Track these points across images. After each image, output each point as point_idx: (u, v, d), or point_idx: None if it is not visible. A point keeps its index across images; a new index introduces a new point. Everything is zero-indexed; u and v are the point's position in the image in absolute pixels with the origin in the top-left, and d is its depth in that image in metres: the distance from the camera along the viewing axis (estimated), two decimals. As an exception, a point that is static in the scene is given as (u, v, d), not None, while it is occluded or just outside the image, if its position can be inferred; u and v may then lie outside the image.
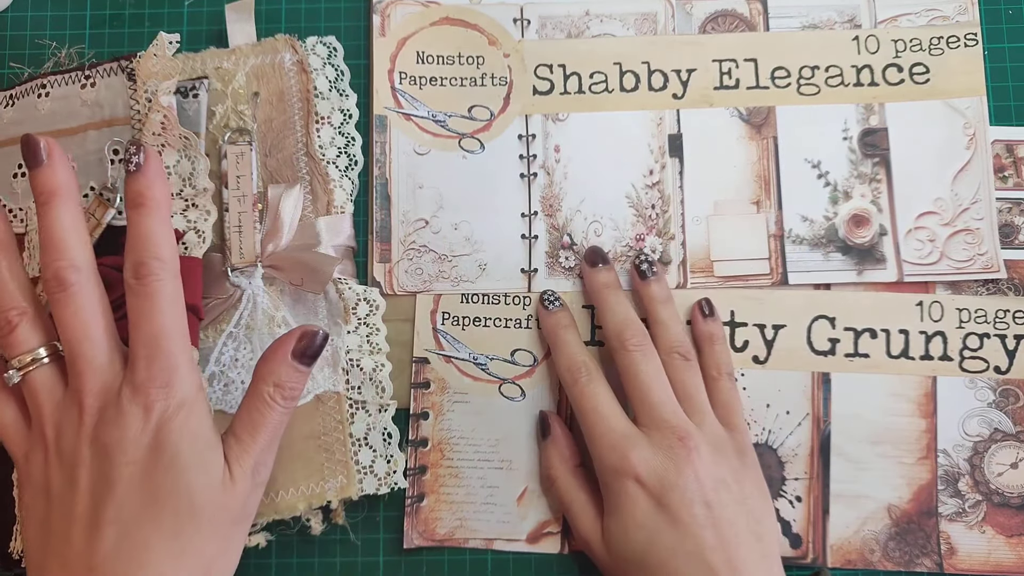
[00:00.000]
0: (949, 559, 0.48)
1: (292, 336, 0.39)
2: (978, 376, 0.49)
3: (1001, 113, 0.51)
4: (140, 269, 0.37)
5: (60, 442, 0.37)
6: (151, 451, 0.36)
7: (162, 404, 0.37)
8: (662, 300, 0.48)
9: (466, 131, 0.51)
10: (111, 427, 0.36)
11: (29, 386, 0.38)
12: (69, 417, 0.37)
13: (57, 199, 0.38)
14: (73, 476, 0.36)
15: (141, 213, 0.38)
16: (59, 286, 0.37)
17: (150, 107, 0.47)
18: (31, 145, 0.39)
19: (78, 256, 0.38)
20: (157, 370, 0.37)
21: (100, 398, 0.37)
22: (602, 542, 0.44)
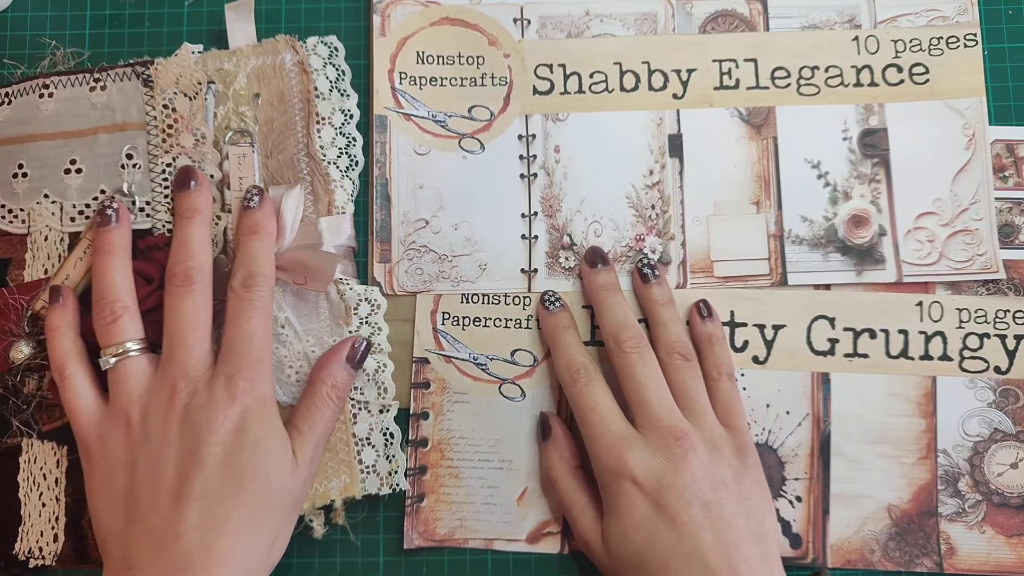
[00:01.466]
0: (949, 559, 0.48)
1: (345, 344, 0.46)
2: (978, 376, 0.49)
3: (1001, 113, 0.51)
4: (248, 280, 0.43)
5: (146, 422, 0.41)
6: (236, 434, 0.41)
7: (247, 395, 0.41)
8: (663, 302, 0.48)
9: (466, 131, 0.51)
10: (202, 409, 0.41)
11: (119, 371, 0.42)
12: (158, 400, 0.41)
13: (199, 216, 0.45)
14: (161, 453, 0.40)
15: (255, 239, 0.45)
16: (185, 280, 0.43)
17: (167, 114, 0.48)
18: (188, 172, 0.47)
19: (204, 263, 0.44)
20: (247, 363, 0.42)
21: (191, 384, 0.41)
22: (602, 543, 0.44)
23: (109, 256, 0.44)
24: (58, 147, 0.49)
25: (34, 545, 0.46)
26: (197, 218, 0.45)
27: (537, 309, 0.49)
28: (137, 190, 0.48)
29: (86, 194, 0.48)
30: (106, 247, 0.45)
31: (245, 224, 0.46)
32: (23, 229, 0.49)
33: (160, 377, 0.42)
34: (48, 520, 0.46)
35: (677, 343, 0.47)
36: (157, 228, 0.48)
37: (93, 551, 0.46)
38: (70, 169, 0.49)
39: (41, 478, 0.47)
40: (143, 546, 0.39)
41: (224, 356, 0.42)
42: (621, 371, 0.46)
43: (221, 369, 0.42)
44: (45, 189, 0.49)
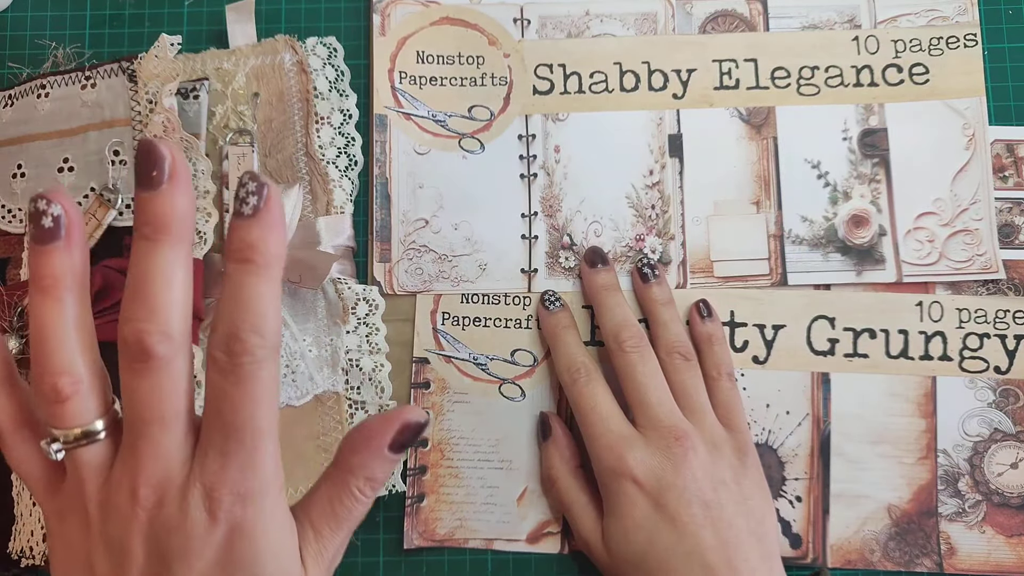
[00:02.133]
0: (949, 559, 0.48)
1: (390, 426, 0.32)
2: (978, 376, 0.49)
3: (1001, 113, 0.51)
4: (233, 344, 0.28)
5: (106, 526, 0.30)
6: (220, 566, 0.30)
7: (236, 513, 0.30)
8: (663, 302, 0.48)
9: (466, 131, 0.51)
10: (173, 534, 0.29)
11: (72, 461, 0.31)
12: (117, 502, 0.30)
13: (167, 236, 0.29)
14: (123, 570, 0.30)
15: (249, 272, 0.28)
16: (140, 355, 0.28)
17: (151, 109, 0.47)
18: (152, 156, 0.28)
19: (168, 319, 0.28)
20: (235, 471, 0.29)
21: (158, 491, 0.30)
22: (602, 543, 0.44)
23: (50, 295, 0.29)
24: (53, 146, 0.49)
25: (25, 545, 0.46)
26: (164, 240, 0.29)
27: (537, 309, 0.49)
28: (123, 187, 0.48)
29: (77, 192, 0.48)
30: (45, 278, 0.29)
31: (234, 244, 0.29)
32: (21, 229, 0.49)
33: (121, 467, 0.30)
34: (38, 520, 0.46)
35: (677, 343, 0.47)
36: (144, 226, 0.47)
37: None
38: (63, 168, 0.49)
39: (34, 478, 0.47)
40: None
41: (203, 454, 0.30)
42: (621, 371, 0.46)
43: (199, 472, 0.29)
44: (40, 188, 0.49)
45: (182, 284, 0.29)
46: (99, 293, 0.45)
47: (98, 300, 0.45)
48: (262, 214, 0.28)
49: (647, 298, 0.48)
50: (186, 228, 0.29)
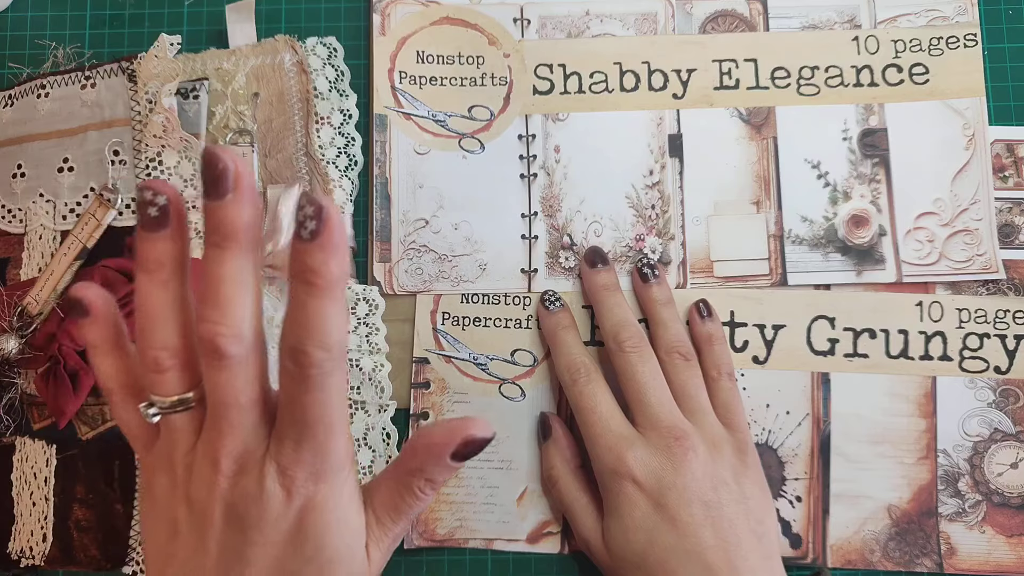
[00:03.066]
0: (949, 559, 0.48)
1: (455, 437, 0.34)
2: (978, 376, 0.49)
3: (1001, 113, 0.51)
4: (301, 358, 0.30)
5: (190, 488, 0.33)
6: (292, 537, 0.33)
7: (308, 490, 0.32)
8: (663, 302, 0.48)
9: (466, 131, 0.51)
10: (250, 503, 0.32)
11: (164, 426, 0.34)
12: (201, 468, 0.33)
13: (235, 245, 0.31)
14: (203, 533, 0.33)
15: (311, 293, 0.30)
16: (215, 354, 0.31)
17: (151, 109, 0.47)
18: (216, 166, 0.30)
19: (238, 322, 0.31)
20: (308, 455, 0.32)
21: (238, 462, 0.32)
22: (602, 543, 0.44)
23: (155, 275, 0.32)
24: (52, 146, 0.49)
25: (25, 545, 0.46)
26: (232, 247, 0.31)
27: (537, 309, 0.49)
28: (123, 186, 0.48)
29: (77, 192, 0.48)
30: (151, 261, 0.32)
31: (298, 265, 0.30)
32: (20, 229, 0.49)
33: (204, 442, 0.33)
34: (38, 520, 0.46)
35: (677, 343, 0.47)
36: (144, 226, 0.47)
37: (78, 552, 0.46)
38: (63, 168, 0.49)
39: (32, 477, 0.47)
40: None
41: (279, 441, 0.32)
42: (621, 371, 0.46)
43: (275, 453, 0.32)
44: (40, 188, 0.49)
45: (252, 288, 0.31)
46: (99, 293, 0.45)
47: (98, 300, 0.45)
48: (322, 238, 0.29)
49: (647, 298, 0.48)
50: (253, 235, 0.31)
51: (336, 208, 0.30)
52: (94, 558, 0.46)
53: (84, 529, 0.46)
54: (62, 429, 0.46)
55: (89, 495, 0.46)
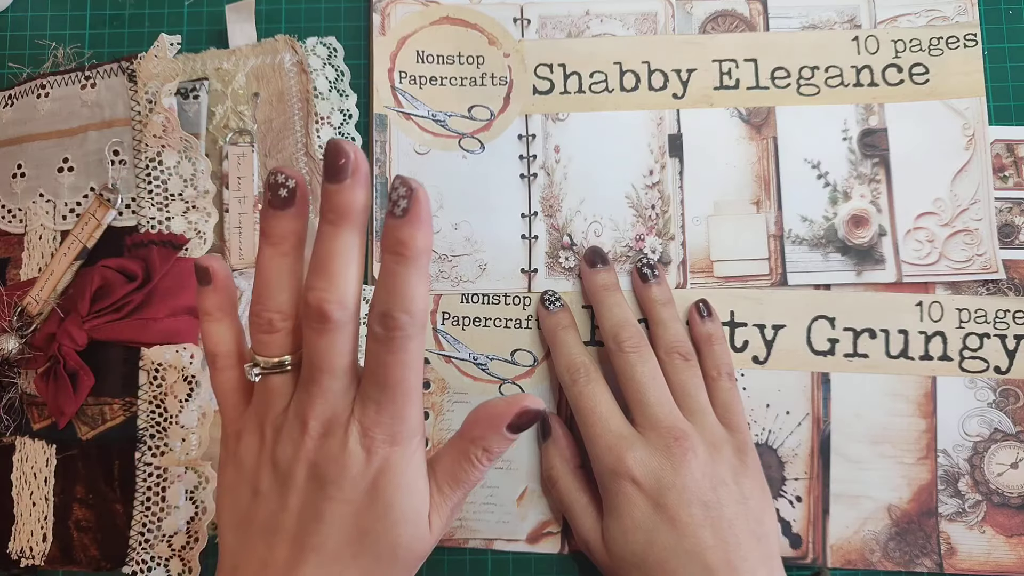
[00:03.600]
0: (949, 559, 0.48)
1: (511, 409, 0.37)
2: (978, 376, 0.49)
3: (1001, 113, 0.51)
4: (388, 321, 0.34)
5: (276, 448, 0.36)
6: (367, 495, 0.36)
7: (385, 451, 0.36)
8: (662, 302, 0.48)
9: (466, 131, 0.51)
10: (331, 462, 0.35)
11: (263, 385, 0.37)
12: (290, 430, 0.36)
13: (348, 223, 0.34)
14: (284, 491, 0.36)
15: (400, 263, 0.34)
16: (320, 319, 0.34)
17: (151, 108, 0.47)
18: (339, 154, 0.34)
19: (345, 292, 0.34)
20: (387, 418, 0.35)
21: (324, 425, 0.36)
22: (602, 543, 0.44)
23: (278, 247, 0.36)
24: (52, 146, 0.49)
25: (25, 544, 0.46)
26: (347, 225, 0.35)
27: (537, 309, 0.49)
28: (123, 186, 0.48)
29: (77, 192, 0.48)
30: (275, 235, 0.36)
31: (389, 239, 0.34)
32: (20, 229, 0.49)
33: (296, 404, 0.36)
34: (37, 520, 0.46)
35: (676, 343, 0.47)
36: (143, 225, 0.47)
37: (78, 552, 0.46)
38: (63, 168, 0.49)
39: (31, 477, 0.47)
40: None
41: (362, 404, 0.36)
42: (621, 371, 0.46)
43: (359, 415, 0.36)
44: (40, 188, 0.49)
45: (357, 263, 0.35)
46: (98, 292, 0.45)
47: (97, 299, 0.45)
48: (411, 214, 0.33)
49: (646, 298, 0.48)
50: (364, 216, 0.35)
51: (424, 190, 0.33)
52: (94, 558, 0.46)
53: (84, 529, 0.46)
54: (62, 429, 0.46)
55: (89, 495, 0.46)
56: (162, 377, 0.46)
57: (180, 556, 0.45)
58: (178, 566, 0.45)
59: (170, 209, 0.48)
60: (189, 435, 0.46)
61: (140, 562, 0.45)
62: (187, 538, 0.45)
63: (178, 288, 0.47)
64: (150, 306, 0.46)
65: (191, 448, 0.45)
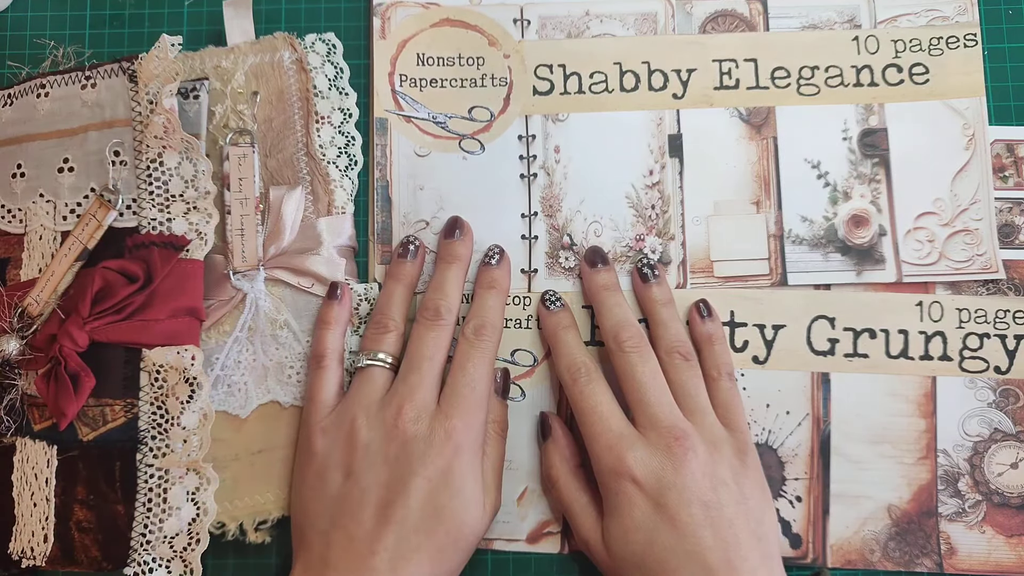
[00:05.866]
0: (949, 559, 0.48)
1: None
2: (978, 376, 0.49)
3: (1001, 113, 0.51)
4: (480, 330, 0.46)
5: (369, 433, 0.44)
6: (443, 475, 0.43)
7: (460, 437, 0.43)
8: (663, 302, 0.48)
9: (466, 132, 0.51)
10: (419, 441, 0.43)
11: (366, 374, 0.46)
12: (384, 415, 0.44)
13: (458, 263, 0.48)
14: (375, 470, 0.43)
15: (491, 293, 0.48)
16: (434, 316, 0.46)
17: (152, 109, 0.47)
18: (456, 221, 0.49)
19: (454, 304, 0.47)
20: (466, 408, 0.44)
21: (417, 410, 0.44)
22: (602, 543, 0.44)
23: (400, 282, 0.48)
24: (52, 146, 0.49)
25: (26, 545, 0.46)
26: (456, 264, 0.48)
27: (538, 308, 0.49)
28: (123, 187, 0.48)
29: (77, 192, 0.48)
30: (399, 274, 0.49)
31: (484, 278, 0.48)
32: (20, 229, 0.49)
33: (392, 394, 0.45)
34: (38, 520, 0.46)
35: (677, 343, 0.47)
36: (144, 226, 0.47)
37: (79, 552, 0.46)
38: (63, 168, 0.48)
39: (32, 478, 0.47)
40: (342, 550, 0.42)
41: (448, 395, 0.45)
42: (621, 371, 0.46)
43: (444, 407, 0.44)
44: (40, 188, 0.49)
45: (460, 288, 0.48)
46: (99, 293, 0.45)
47: (98, 301, 0.45)
48: (501, 264, 0.49)
49: (647, 298, 0.48)
50: (466, 261, 0.49)
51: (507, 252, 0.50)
52: (95, 559, 0.46)
53: (85, 530, 0.46)
54: (63, 430, 0.46)
55: (90, 496, 0.46)
56: (163, 379, 0.46)
57: (181, 557, 0.45)
58: (179, 567, 0.45)
59: (171, 210, 0.47)
60: (190, 436, 0.46)
61: (141, 563, 0.45)
62: (188, 539, 0.45)
63: (179, 289, 0.47)
64: (151, 307, 0.46)
65: (192, 449, 0.45)
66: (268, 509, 0.47)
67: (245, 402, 0.48)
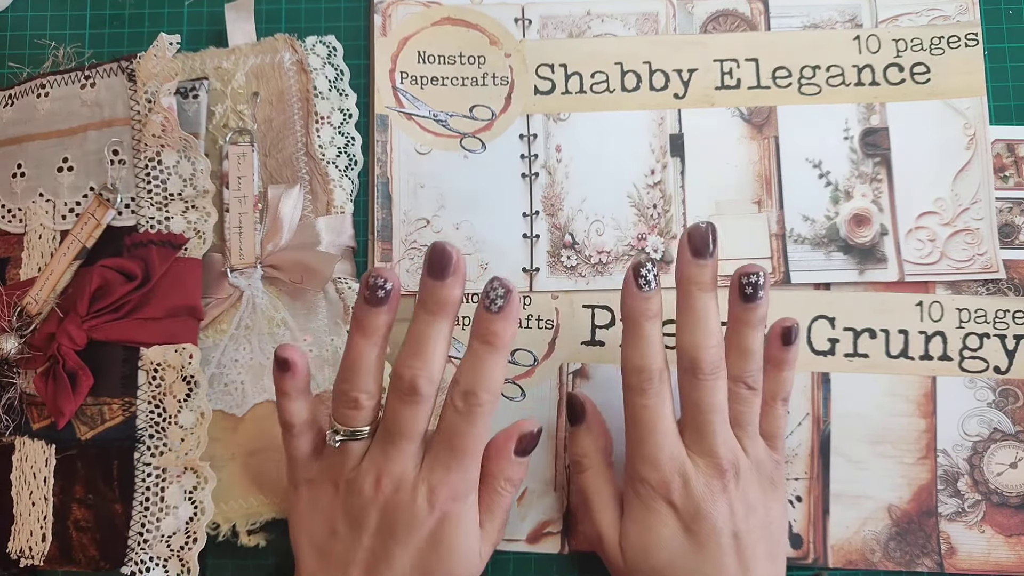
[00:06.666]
0: (949, 559, 0.48)
1: (511, 438, 0.42)
2: (978, 376, 0.49)
3: (1001, 113, 0.51)
4: (470, 398, 0.40)
5: (349, 498, 0.41)
6: (429, 541, 0.40)
7: (448, 506, 0.40)
8: (752, 325, 0.43)
9: (467, 131, 0.51)
10: (402, 511, 0.40)
11: (343, 448, 0.42)
12: (362, 485, 0.41)
13: (444, 314, 0.40)
14: (358, 533, 0.41)
15: (488, 351, 0.40)
16: (411, 392, 0.40)
17: (150, 108, 0.47)
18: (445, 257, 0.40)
19: (436, 372, 0.40)
20: (454, 481, 0.40)
21: (395, 483, 0.40)
22: (618, 545, 0.43)
23: (370, 339, 0.40)
24: (52, 146, 0.49)
25: (24, 544, 0.46)
26: (442, 316, 0.40)
27: (625, 280, 0.42)
28: (122, 186, 0.48)
29: (76, 192, 0.48)
30: (368, 328, 0.40)
31: (480, 329, 0.40)
32: (20, 228, 0.49)
33: (370, 461, 0.41)
34: (37, 520, 0.46)
35: (748, 374, 0.43)
36: (142, 225, 0.47)
37: (77, 552, 0.45)
38: (62, 167, 0.48)
39: (31, 477, 0.46)
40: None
41: (430, 464, 0.41)
42: (688, 393, 0.42)
43: (427, 476, 0.40)
44: (40, 188, 0.49)
45: (445, 347, 0.40)
46: (97, 292, 0.45)
47: (96, 299, 0.45)
48: (505, 312, 0.40)
49: (737, 318, 0.43)
50: (455, 309, 0.40)
51: (517, 292, 0.41)
52: (93, 558, 0.46)
53: (83, 529, 0.46)
54: (61, 429, 0.46)
55: (88, 495, 0.46)
56: (161, 377, 0.46)
57: (179, 556, 0.45)
58: (177, 566, 0.45)
59: (169, 209, 0.47)
60: (188, 435, 0.45)
61: (139, 562, 0.45)
62: (186, 538, 0.45)
63: (177, 288, 0.47)
64: (149, 306, 0.46)
65: (190, 448, 0.45)
66: (260, 511, 0.47)
67: (242, 401, 0.48)
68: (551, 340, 0.50)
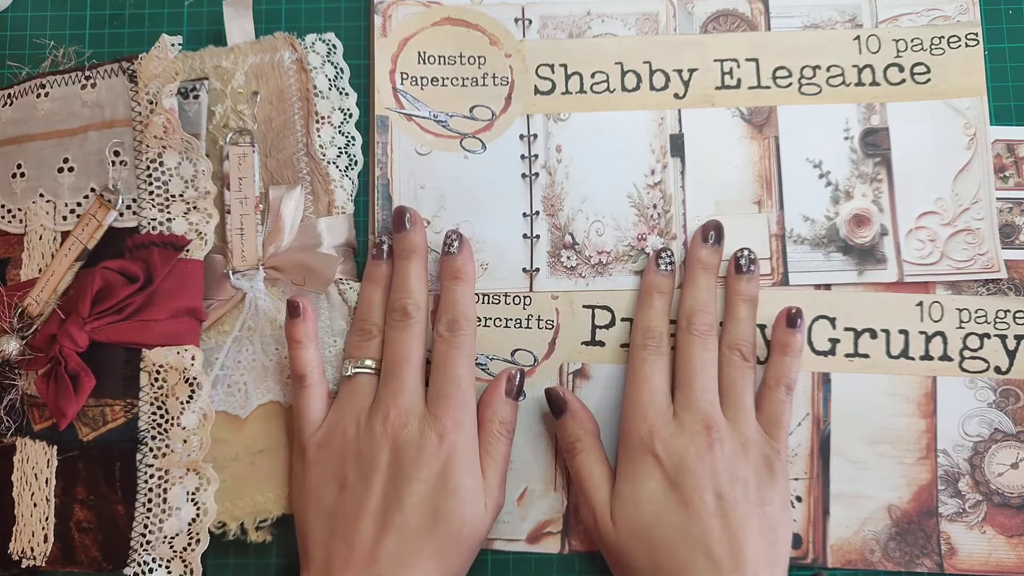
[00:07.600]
0: (949, 559, 0.48)
1: (501, 379, 0.47)
2: (978, 376, 0.49)
3: (1001, 113, 0.51)
4: (453, 325, 0.46)
5: (360, 441, 0.44)
6: (438, 477, 0.43)
7: (453, 437, 0.44)
8: (746, 298, 0.48)
9: (468, 131, 0.51)
10: (411, 446, 0.43)
11: (354, 382, 0.46)
12: (374, 422, 0.44)
13: (415, 255, 0.48)
14: (369, 477, 0.43)
15: (457, 284, 0.47)
16: (403, 315, 0.46)
17: (152, 109, 0.47)
18: (402, 212, 0.48)
19: (419, 299, 0.47)
20: (454, 407, 0.44)
21: (403, 415, 0.44)
22: (609, 519, 0.44)
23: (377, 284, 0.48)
24: (52, 146, 0.49)
25: (26, 545, 0.46)
26: (414, 257, 0.48)
27: (648, 262, 0.49)
28: (123, 187, 0.47)
29: (77, 192, 0.48)
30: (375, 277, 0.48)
31: (447, 269, 0.48)
32: (20, 229, 0.49)
33: (377, 401, 0.45)
34: (39, 521, 0.46)
35: (741, 340, 0.47)
36: (144, 226, 0.47)
37: (79, 553, 0.46)
38: (63, 168, 0.48)
39: (33, 478, 0.46)
40: (344, 559, 0.42)
41: (433, 397, 0.45)
42: (681, 349, 0.47)
43: (431, 408, 0.44)
44: (40, 188, 0.48)
45: (423, 282, 0.48)
46: (99, 293, 0.45)
47: (98, 301, 0.45)
48: (462, 251, 0.48)
49: (732, 288, 0.48)
50: (424, 251, 0.48)
51: (467, 239, 0.49)
52: (95, 559, 0.46)
53: (85, 530, 0.46)
54: (63, 430, 0.46)
55: (90, 496, 0.46)
56: (163, 379, 0.46)
57: (181, 557, 0.45)
58: (179, 567, 0.45)
59: (171, 210, 0.47)
60: (190, 437, 0.45)
61: (141, 563, 0.45)
62: (188, 539, 0.45)
63: (179, 290, 0.47)
64: (151, 307, 0.46)
65: (192, 449, 0.45)
66: (269, 508, 0.47)
67: (245, 402, 0.48)
68: (551, 340, 0.50)
